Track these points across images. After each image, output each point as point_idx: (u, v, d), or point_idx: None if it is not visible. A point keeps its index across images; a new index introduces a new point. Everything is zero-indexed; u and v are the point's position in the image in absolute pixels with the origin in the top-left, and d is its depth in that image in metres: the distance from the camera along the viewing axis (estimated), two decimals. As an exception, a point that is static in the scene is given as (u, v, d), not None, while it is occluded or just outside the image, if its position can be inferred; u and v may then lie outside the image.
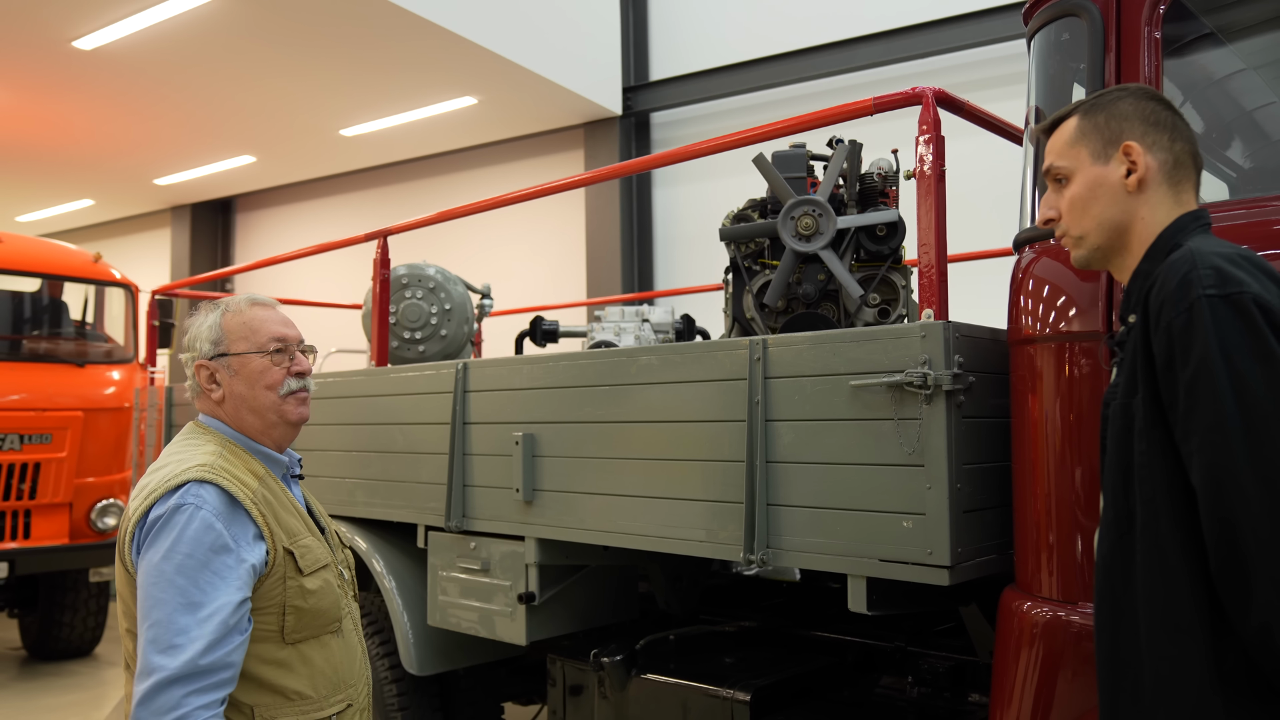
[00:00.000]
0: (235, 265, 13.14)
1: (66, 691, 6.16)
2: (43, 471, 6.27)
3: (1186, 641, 1.38)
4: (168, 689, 1.62)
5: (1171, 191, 1.57)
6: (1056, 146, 1.66)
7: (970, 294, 3.50)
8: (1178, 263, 1.42)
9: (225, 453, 1.89)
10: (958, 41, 7.93)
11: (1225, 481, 1.32)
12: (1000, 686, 2.05)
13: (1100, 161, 1.60)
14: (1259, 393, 1.31)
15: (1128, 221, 1.58)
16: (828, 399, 2.28)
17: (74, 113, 10.11)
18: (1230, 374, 1.32)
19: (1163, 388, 1.41)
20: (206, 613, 1.68)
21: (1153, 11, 2.01)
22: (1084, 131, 1.62)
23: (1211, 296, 1.35)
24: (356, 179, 12.55)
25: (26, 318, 7.00)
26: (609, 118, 9.82)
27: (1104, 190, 1.59)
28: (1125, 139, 1.58)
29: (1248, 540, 1.29)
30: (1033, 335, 2.08)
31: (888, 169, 3.12)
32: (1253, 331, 1.33)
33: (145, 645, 1.66)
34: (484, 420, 3.14)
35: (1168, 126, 1.58)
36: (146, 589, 1.70)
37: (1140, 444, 1.45)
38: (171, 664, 1.63)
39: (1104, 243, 1.60)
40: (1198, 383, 1.34)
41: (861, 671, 3.02)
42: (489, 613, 3.08)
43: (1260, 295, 1.34)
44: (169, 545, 1.71)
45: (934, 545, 2.07)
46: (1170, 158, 1.57)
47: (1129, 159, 1.57)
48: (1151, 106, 1.59)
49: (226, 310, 1.99)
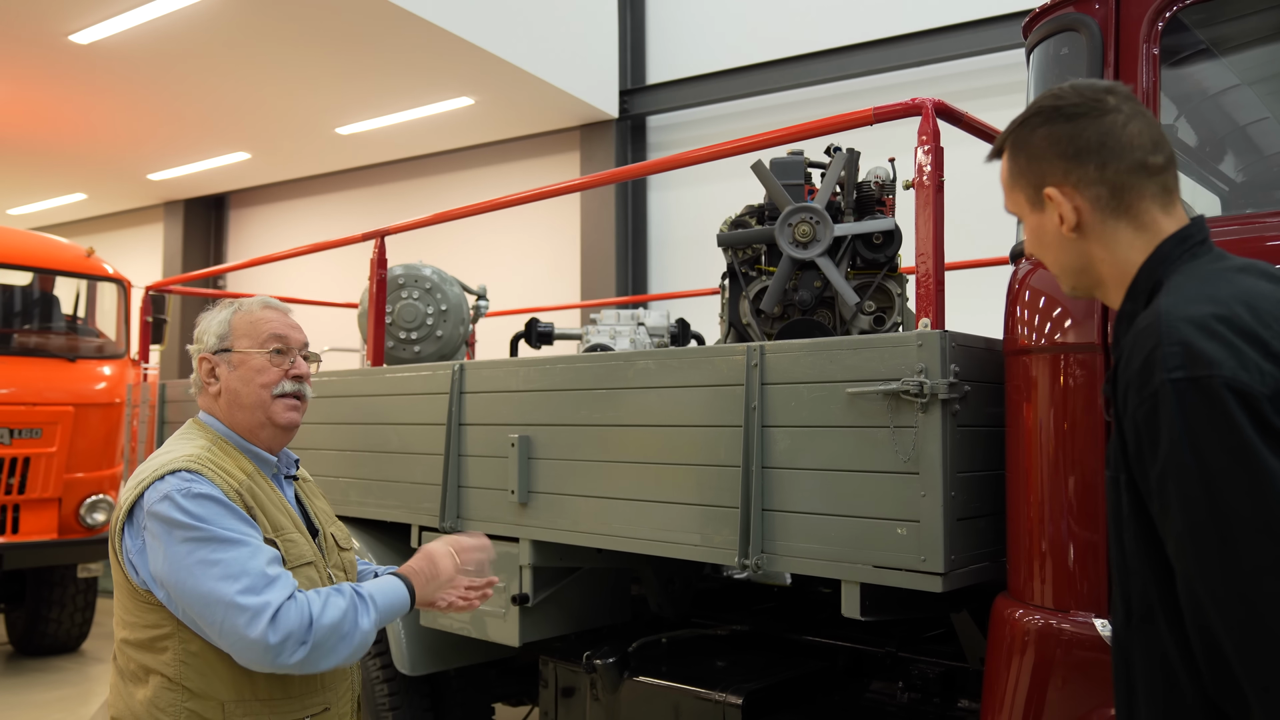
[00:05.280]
0: (228, 262, 13.13)
1: (53, 687, 6.13)
2: (32, 466, 6.24)
3: None
4: (254, 594, 1.69)
5: (1122, 221, 1.37)
6: (1004, 186, 1.51)
7: (965, 303, 3.52)
8: (1144, 334, 1.24)
9: (215, 448, 1.91)
10: (956, 50, 7.96)
11: (1201, 595, 1.16)
12: (991, 693, 2.07)
13: (1036, 210, 1.44)
14: (1234, 495, 1.13)
15: (1085, 264, 1.42)
16: (824, 405, 2.30)
17: (69, 107, 10.07)
18: (1201, 474, 1.15)
19: (1138, 477, 1.27)
20: (244, 548, 1.75)
21: (1151, 27, 2.03)
22: (1014, 176, 1.47)
23: (1177, 381, 1.17)
24: (351, 177, 12.53)
25: (17, 312, 6.97)
26: (605, 120, 9.84)
27: (1049, 238, 1.44)
28: (1047, 184, 1.41)
29: (1232, 659, 1.15)
30: (1028, 346, 2.10)
31: (885, 177, 3.14)
32: (1225, 423, 1.13)
33: (214, 605, 1.69)
34: (479, 422, 3.15)
35: (1092, 150, 1.36)
36: (180, 581, 1.72)
37: (1128, 530, 1.32)
38: (238, 585, 1.70)
39: (1076, 283, 1.47)
40: (1167, 482, 1.19)
41: (852, 676, 3.03)
42: (482, 614, 3.08)
43: (1234, 378, 1.14)
44: (173, 534, 1.73)
45: (928, 552, 2.09)
46: (1104, 189, 1.37)
47: (1056, 206, 1.40)
48: (1067, 131, 1.38)
49: (239, 309, 2.02)
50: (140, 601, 1.81)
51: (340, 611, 1.77)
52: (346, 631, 1.77)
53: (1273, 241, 1.87)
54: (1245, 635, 1.12)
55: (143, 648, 1.82)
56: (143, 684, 1.81)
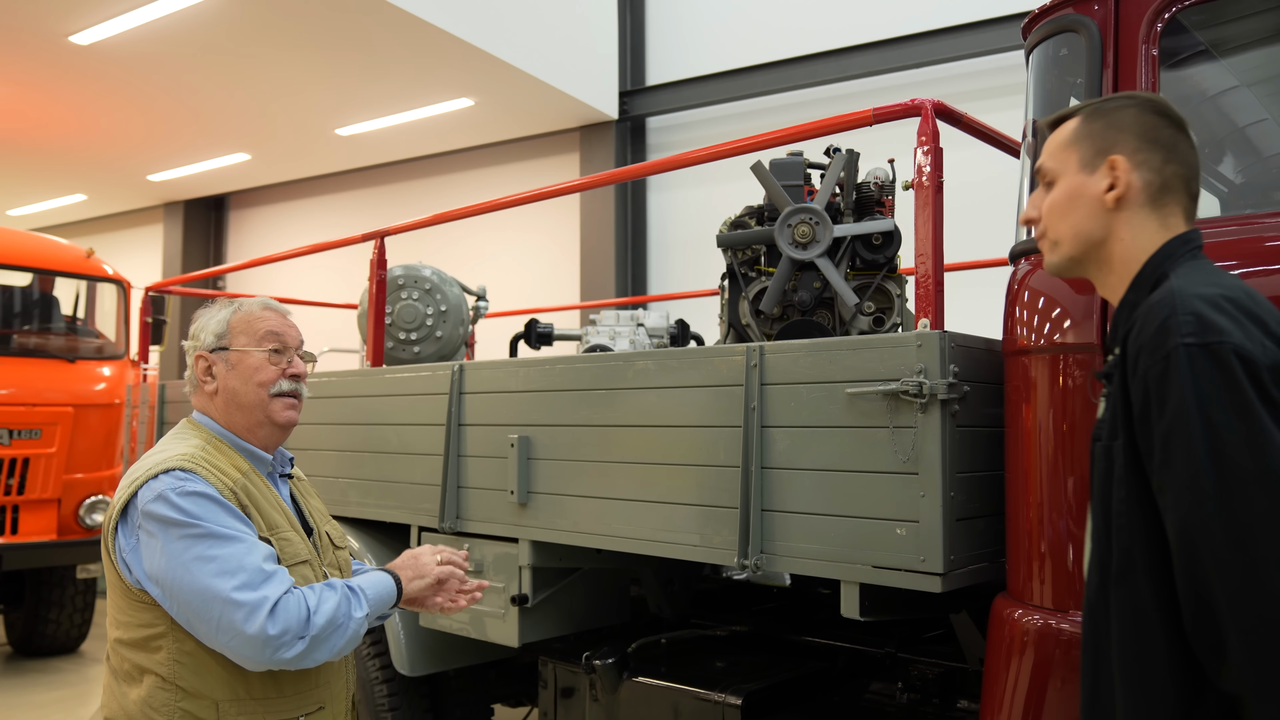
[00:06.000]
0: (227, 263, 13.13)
1: (52, 688, 6.13)
2: (31, 467, 6.23)
3: (1158, 697, 1.34)
4: (251, 590, 1.70)
5: (1155, 214, 1.50)
6: (1052, 146, 1.61)
7: (965, 304, 3.52)
8: (1158, 305, 1.36)
9: (209, 447, 1.92)
10: (955, 52, 7.97)
11: (1198, 540, 1.26)
12: (990, 694, 2.07)
13: (1086, 170, 1.54)
14: (1235, 449, 1.25)
15: (1104, 237, 1.53)
16: (823, 406, 2.30)
17: (69, 107, 10.07)
18: (1206, 429, 1.26)
19: (1139, 437, 1.36)
20: (240, 544, 1.76)
21: (1150, 28, 2.04)
22: (1080, 136, 1.56)
23: (1190, 345, 1.29)
24: (351, 178, 12.53)
25: (17, 312, 6.97)
26: (605, 121, 9.84)
27: (1083, 201, 1.53)
28: (1115, 152, 1.51)
29: (1220, 602, 1.24)
30: (1028, 346, 2.10)
31: (884, 178, 3.14)
32: (1231, 384, 1.26)
33: (211, 601, 1.70)
34: (479, 422, 3.15)
35: (1165, 146, 1.50)
36: (177, 579, 1.72)
37: (1119, 491, 1.40)
38: (235, 580, 1.70)
39: (1078, 253, 1.56)
40: (1173, 436, 1.29)
41: (851, 677, 3.03)
42: (481, 614, 3.08)
43: (1241, 345, 1.27)
44: (169, 532, 1.73)
45: (927, 553, 2.09)
46: (1158, 179, 1.50)
47: (1113, 173, 1.50)
48: (1154, 122, 1.51)
49: (238, 309, 2.03)
50: (134, 601, 1.81)
51: (334, 604, 1.81)
52: (341, 623, 1.81)
53: (1272, 242, 1.87)
54: (1236, 579, 1.23)
55: (136, 647, 1.82)
56: (136, 684, 1.81)
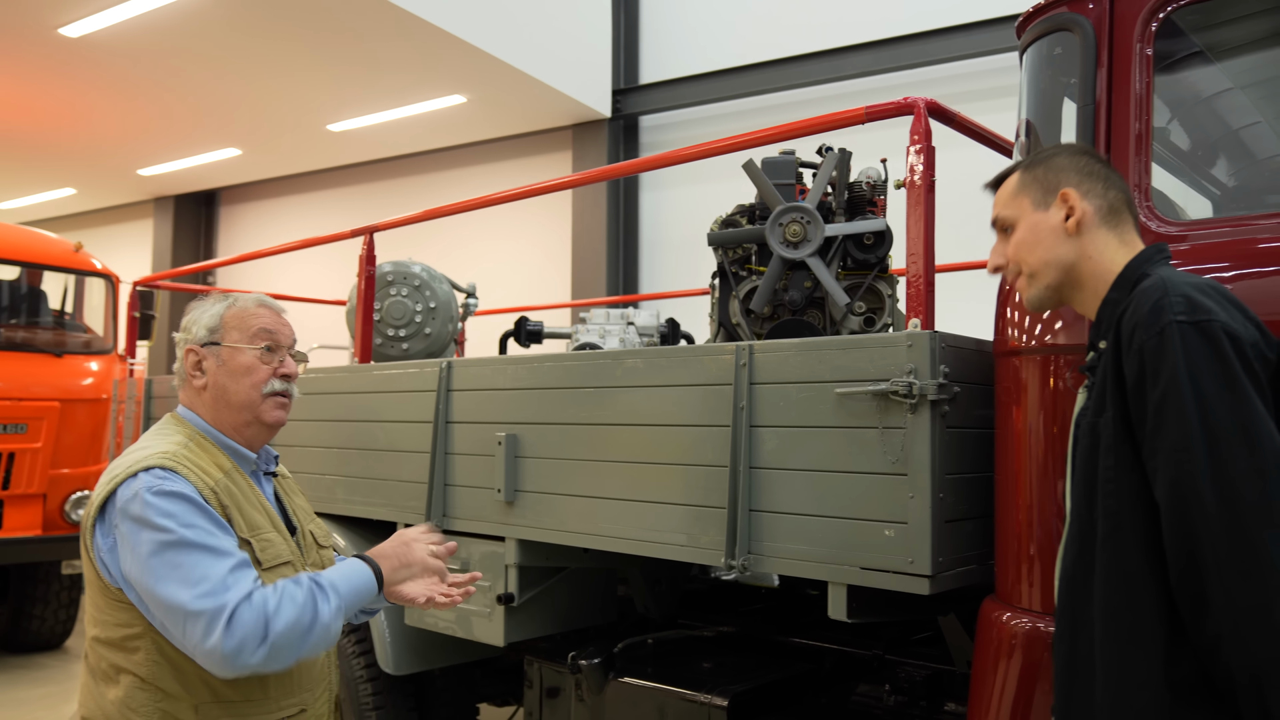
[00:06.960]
0: (218, 258, 13.08)
1: (36, 685, 6.09)
2: (17, 462, 6.18)
3: (1139, 650, 1.45)
4: (211, 598, 1.64)
5: (1112, 233, 1.67)
6: (1001, 199, 1.79)
7: (956, 304, 3.51)
8: (1150, 290, 1.50)
9: (192, 444, 1.88)
10: (948, 53, 7.98)
11: (1188, 497, 1.39)
12: (978, 696, 2.06)
13: (1041, 208, 1.72)
14: (1223, 415, 1.39)
15: (1074, 259, 1.68)
16: (813, 406, 2.28)
17: (58, 101, 10.01)
18: (1196, 396, 1.39)
19: (1132, 406, 1.49)
20: (208, 553, 1.70)
21: (1144, 29, 2.03)
22: (1024, 183, 1.75)
23: (1182, 323, 1.43)
24: (342, 174, 12.49)
25: (4, 306, 6.91)
26: (598, 120, 9.82)
27: (1046, 232, 1.70)
28: (1062, 187, 1.70)
29: (1206, 553, 1.36)
30: (1018, 347, 2.09)
31: (876, 178, 3.13)
32: (1220, 357, 1.41)
33: (173, 610, 1.65)
34: (467, 420, 3.13)
35: (1100, 176, 1.70)
36: (147, 585, 1.68)
37: (1107, 459, 1.52)
38: (196, 590, 1.65)
39: (1055, 280, 1.70)
40: (1166, 403, 1.42)
41: (839, 678, 3.02)
42: (467, 613, 3.06)
43: (1228, 324, 1.42)
44: (141, 535, 1.69)
45: (915, 554, 2.08)
46: (1104, 203, 1.68)
47: (1066, 204, 1.68)
48: (1085, 160, 1.72)
49: (233, 304, 1.99)
50: (112, 600, 1.78)
51: (298, 605, 1.71)
52: (307, 624, 1.71)
53: (1264, 245, 1.87)
54: (1221, 530, 1.36)
55: (114, 647, 1.79)
56: (114, 684, 1.78)
